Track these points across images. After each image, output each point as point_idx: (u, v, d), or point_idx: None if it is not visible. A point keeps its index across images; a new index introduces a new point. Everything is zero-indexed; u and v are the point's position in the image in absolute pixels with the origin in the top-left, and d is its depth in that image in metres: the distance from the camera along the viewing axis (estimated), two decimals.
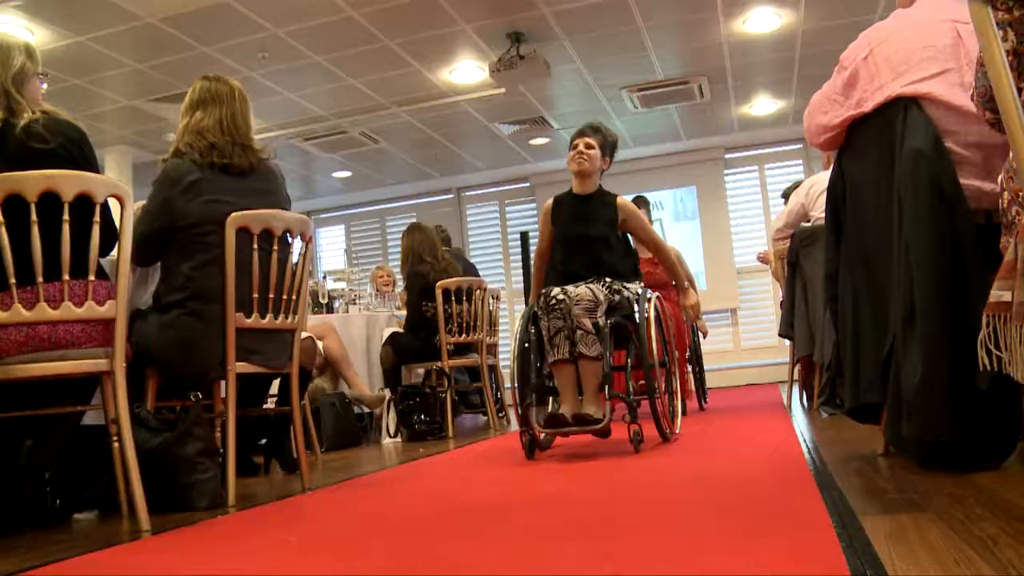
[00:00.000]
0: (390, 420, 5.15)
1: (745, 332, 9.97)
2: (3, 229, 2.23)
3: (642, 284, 3.69)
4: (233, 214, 2.80)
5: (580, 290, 3.42)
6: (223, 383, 2.88)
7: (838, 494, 1.98)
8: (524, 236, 9.30)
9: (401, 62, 6.85)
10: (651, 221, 5.52)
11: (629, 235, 3.85)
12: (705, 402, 5.83)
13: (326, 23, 6.00)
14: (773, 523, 1.77)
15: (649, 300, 3.59)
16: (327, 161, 9.59)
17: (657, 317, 3.64)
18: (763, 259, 6.19)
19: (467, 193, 11.08)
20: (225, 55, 6.40)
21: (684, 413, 5.13)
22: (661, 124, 9.18)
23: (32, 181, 2.26)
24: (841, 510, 1.77)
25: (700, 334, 5.95)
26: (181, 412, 2.84)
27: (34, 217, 2.24)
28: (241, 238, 2.81)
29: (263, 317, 2.88)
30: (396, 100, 7.76)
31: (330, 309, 5.98)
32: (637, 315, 3.48)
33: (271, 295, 2.90)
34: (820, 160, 6.07)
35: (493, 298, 5.84)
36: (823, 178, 4.49)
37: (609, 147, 3.83)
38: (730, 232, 10.01)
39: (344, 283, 6.49)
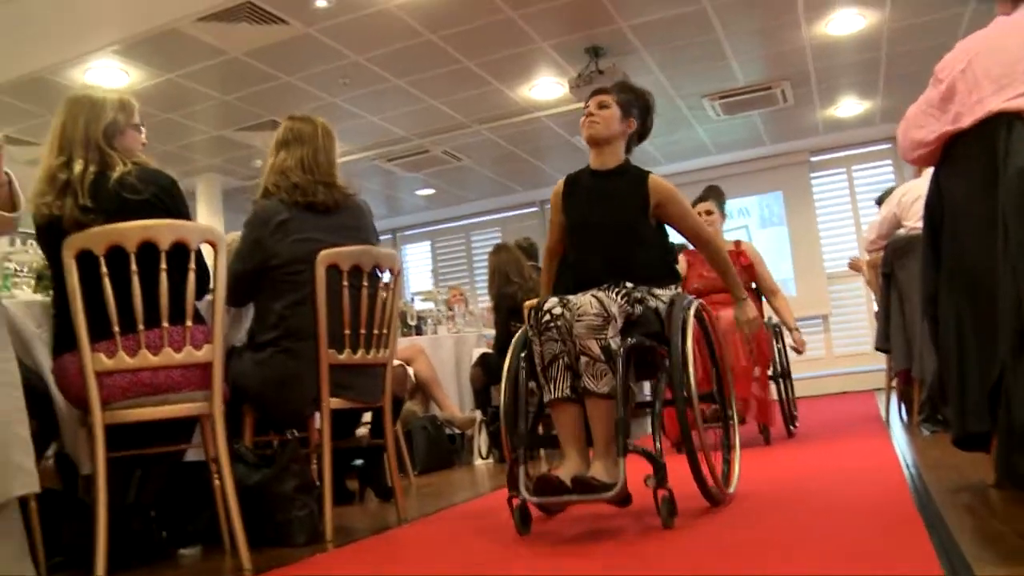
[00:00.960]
0: (482, 441, 5.17)
1: (837, 338, 9.71)
2: (107, 280, 2.31)
3: (679, 288, 2.85)
4: (323, 252, 2.84)
5: (583, 300, 2.50)
6: (317, 415, 2.93)
7: (947, 536, 1.89)
8: None
9: (481, 81, 6.89)
10: (723, 216, 5.02)
11: (667, 226, 2.92)
12: (794, 427, 4.85)
13: (405, 47, 6.08)
14: (875, 564, 1.70)
15: (688, 308, 2.69)
16: (410, 180, 9.71)
17: (705, 333, 2.87)
18: (854, 266, 5.99)
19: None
20: (307, 83, 6.54)
21: (767, 441, 4.39)
22: (744, 130, 9.02)
23: (132, 232, 2.34)
24: (953, 558, 1.67)
25: (786, 344, 4.94)
26: (278, 448, 2.90)
27: (134, 267, 2.32)
28: (331, 275, 2.85)
29: (355, 352, 2.91)
30: (477, 118, 7.82)
31: (419, 331, 6.04)
32: (672, 332, 2.57)
33: (362, 330, 2.92)
34: None
35: None
36: (914, 186, 4.35)
37: (638, 107, 2.94)
38: (819, 236, 9.77)
39: (432, 303, 6.54)
